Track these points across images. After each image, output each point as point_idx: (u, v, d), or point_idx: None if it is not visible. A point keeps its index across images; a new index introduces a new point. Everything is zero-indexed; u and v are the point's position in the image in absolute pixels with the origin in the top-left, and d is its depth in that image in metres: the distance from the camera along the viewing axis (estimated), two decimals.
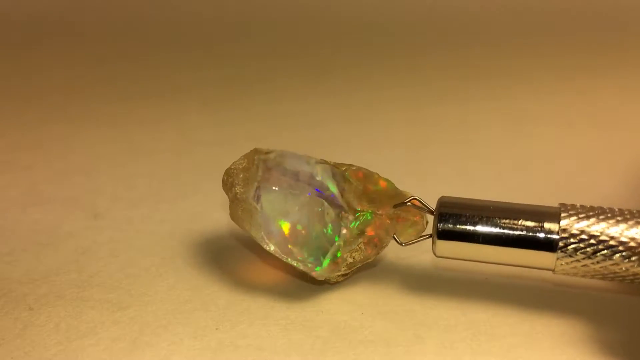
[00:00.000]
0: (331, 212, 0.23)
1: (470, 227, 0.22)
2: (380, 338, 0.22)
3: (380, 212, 0.23)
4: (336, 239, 0.23)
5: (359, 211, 0.23)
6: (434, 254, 0.23)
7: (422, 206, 0.23)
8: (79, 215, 0.30)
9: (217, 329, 0.22)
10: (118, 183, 0.33)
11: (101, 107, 0.44)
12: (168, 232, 0.28)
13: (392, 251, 0.26)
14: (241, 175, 0.24)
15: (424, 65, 0.52)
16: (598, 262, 0.21)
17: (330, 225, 0.23)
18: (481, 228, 0.22)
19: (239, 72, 0.51)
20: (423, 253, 0.26)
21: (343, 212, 0.23)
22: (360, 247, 0.23)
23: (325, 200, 0.23)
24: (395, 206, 0.23)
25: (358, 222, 0.23)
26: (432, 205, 0.23)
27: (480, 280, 0.25)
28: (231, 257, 0.26)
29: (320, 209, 0.23)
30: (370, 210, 0.23)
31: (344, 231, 0.23)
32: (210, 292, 0.24)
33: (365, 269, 0.25)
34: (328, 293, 0.24)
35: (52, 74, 0.51)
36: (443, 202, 0.23)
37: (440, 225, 0.22)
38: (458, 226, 0.22)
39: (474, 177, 0.33)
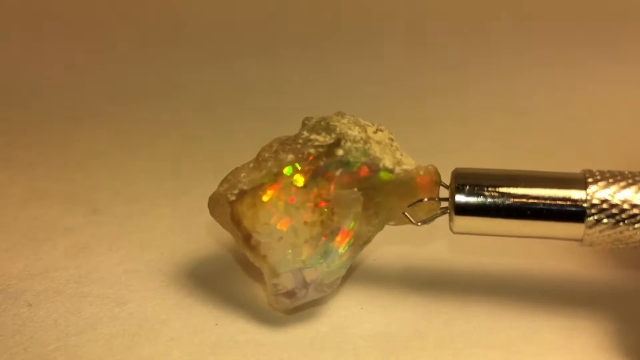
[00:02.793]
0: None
1: (490, 200, 0.20)
2: (379, 333, 0.21)
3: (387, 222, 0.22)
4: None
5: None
6: (452, 231, 0.21)
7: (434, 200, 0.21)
8: (78, 211, 0.30)
9: (216, 324, 0.22)
10: (117, 179, 0.33)
11: (100, 104, 0.44)
12: (167, 227, 0.28)
13: (391, 246, 0.26)
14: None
15: (426, 60, 0.52)
16: (630, 230, 0.19)
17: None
18: (502, 200, 0.20)
19: (239, 71, 0.51)
20: (422, 246, 0.26)
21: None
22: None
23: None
24: (407, 209, 0.21)
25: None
26: (446, 179, 0.21)
27: (480, 274, 0.24)
28: (230, 253, 0.26)
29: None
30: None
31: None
32: (209, 288, 0.24)
33: (365, 267, 0.25)
34: None
35: (52, 72, 0.51)
36: (459, 174, 0.21)
37: (458, 199, 0.20)
38: (477, 199, 0.20)
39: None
